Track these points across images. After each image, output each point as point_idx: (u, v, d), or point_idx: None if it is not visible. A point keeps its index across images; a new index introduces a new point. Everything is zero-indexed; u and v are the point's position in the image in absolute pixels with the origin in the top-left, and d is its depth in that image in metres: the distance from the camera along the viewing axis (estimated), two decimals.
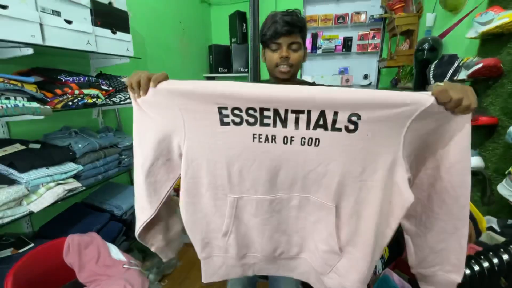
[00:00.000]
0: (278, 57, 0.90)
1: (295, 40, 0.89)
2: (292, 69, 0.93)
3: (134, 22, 1.60)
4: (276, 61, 0.91)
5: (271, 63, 0.93)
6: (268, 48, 0.93)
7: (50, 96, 1.15)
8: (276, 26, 0.87)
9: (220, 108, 0.58)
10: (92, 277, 1.08)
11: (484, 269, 0.69)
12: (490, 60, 1.00)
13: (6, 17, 0.93)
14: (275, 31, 0.87)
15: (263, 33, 0.92)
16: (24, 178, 1.02)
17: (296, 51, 0.91)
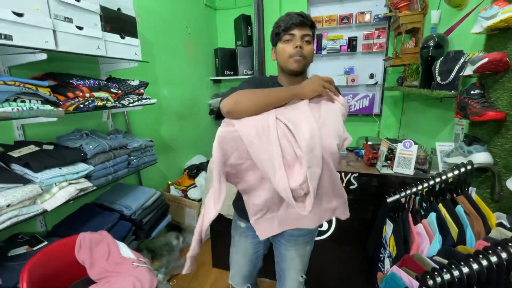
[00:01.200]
0: (293, 47, 0.91)
1: (308, 32, 0.92)
2: (305, 61, 0.93)
3: (142, 27, 1.65)
4: (289, 51, 0.92)
5: (284, 54, 0.93)
6: (281, 41, 0.94)
7: (63, 99, 1.19)
8: (290, 18, 0.90)
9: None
10: (102, 274, 1.11)
11: (493, 264, 0.67)
12: (495, 54, 0.99)
13: (22, 25, 0.98)
14: (289, 22, 0.90)
15: (277, 25, 0.94)
16: (39, 178, 1.07)
17: (309, 43, 0.93)
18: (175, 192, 2.30)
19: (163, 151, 2.33)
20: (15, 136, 1.25)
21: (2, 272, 1.02)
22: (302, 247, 1.09)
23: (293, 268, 1.12)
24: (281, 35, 0.93)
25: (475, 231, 0.92)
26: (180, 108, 2.56)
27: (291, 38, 0.91)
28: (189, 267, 0.96)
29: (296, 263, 1.11)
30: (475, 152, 1.10)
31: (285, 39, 0.92)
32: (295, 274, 1.12)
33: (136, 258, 1.18)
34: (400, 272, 0.92)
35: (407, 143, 1.45)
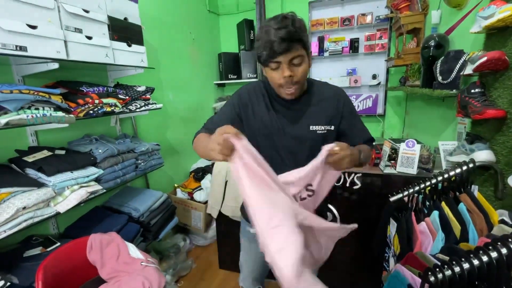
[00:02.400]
0: (281, 77, 0.81)
1: (296, 54, 0.79)
2: (299, 86, 0.85)
3: (147, 34, 1.70)
4: (279, 81, 0.82)
5: (274, 83, 0.85)
6: (267, 67, 0.82)
7: (73, 106, 1.25)
8: (272, 45, 0.76)
9: None
10: (112, 274, 1.15)
11: (493, 259, 0.68)
12: (494, 53, 1.00)
13: (36, 36, 1.04)
14: (272, 51, 0.77)
15: (259, 53, 0.81)
16: (52, 181, 1.12)
17: (300, 65, 0.81)
18: (181, 195, 2.34)
19: (169, 154, 2.38)
20: (29, 142, 1.31)
21: (18, 272, 1.06)
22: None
23: None
24: (266, 63, 0.81)
25: (478, 229, 0.93)
26: (185, 112, 2.61)
27: (278, 66, 0.80)
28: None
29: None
30: (477, 150, 1.11)
31: (272, 67, 0.81)
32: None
33: (145, 258, 1.22)
34: (403, 270, 0.93)
35: (410, 143, 1.46)
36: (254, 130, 0.94)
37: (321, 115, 0.93)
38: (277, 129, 0.92)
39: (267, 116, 0.92)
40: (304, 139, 0.92)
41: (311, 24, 2.80)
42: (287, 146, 0.93)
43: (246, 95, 0.95)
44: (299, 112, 0.93)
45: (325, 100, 0.94)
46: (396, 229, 1.20)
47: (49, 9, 1.08)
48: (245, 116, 0.94)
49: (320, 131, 0.92)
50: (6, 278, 0.97)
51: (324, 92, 0.96)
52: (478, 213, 0.96)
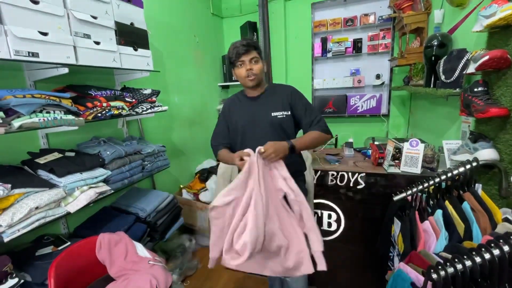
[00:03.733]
0: (245, 70, 1.20)
1: (253, 55, 1.19)
2: (256, 77, 1.22)
3: (152, 38, 1.74)
4: (243, 74, 1.20)
5: (241, 76, 1.22)
6: (236, 66, 1.22)
7: (83, 109, 1.29)
8: (237, 49, 1.18)
9: None
10: (121, 272, 1.18)
11: (495, 256, 0.69)
12: (496, 52, 1.00)
13: (47, 43, 1.08)
14: (237, 52, 1.18)
15: (230, 56, 1.22)
16: (62, 182, 1.15)
17: (257, 63, 1.21)
18: (187, 196, 2.37)
19: (175, 156, 2.42)
20: (40, 144, 1.36)
21: (31, 270, 1.10)
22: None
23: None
24: (235, 63, 1.21)
25: (482, 227, 0.93)
26: (190, 114, 2.65)
27: (242, 63, 1.20)
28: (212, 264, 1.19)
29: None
30: (480, 149, 1.11)
31: (238, 65, 1.21)
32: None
33: (152, 257, 1.24)
34: (407, 268, 0.94)
35: (413, 142, 1.46)
36: (237, 128, 1.28)
37: (277, 104, 1.26)
38: (250, 119, 1.26)
39: (241, 111, 1.29)
40: (269, 123, 1.24)
41: (314, 25, 2.81)
42: (259, 133, 1.23)
43: (227, 107, 1.36)
44: (262, 104, 1.27)
45: (279, 93, 1.28)
46: (400, 228, 1.20)
47: (60, 16, 1.12)
48: (229, 122, 1.32)
49: (280, 116, 1.24)
50: (20, 276, 1.01)
51: (278, 88, 1.32)
52: (482, 212, 0.96)
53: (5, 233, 0.96)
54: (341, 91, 2.85)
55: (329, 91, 2.91)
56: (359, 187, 1.57)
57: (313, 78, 2.91)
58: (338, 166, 1.64)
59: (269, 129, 1.24)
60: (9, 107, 0.98)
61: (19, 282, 0.98)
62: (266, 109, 1.25)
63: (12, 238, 0.97)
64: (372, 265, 1.63)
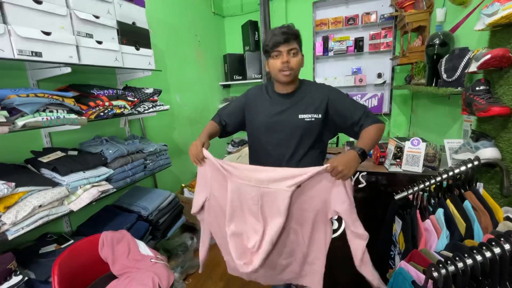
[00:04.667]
0: (280, 63, 1.04)
1: (293, 46, 1.04)
2: (293, 72, 1.06)
3: (154, 38, 1.75)
4: (278, 66, 1.05)
5: (275, 69, 1.07)
6: (271, 57, 1.07)
7: (85, 108, 1.29)
8: (275, 37, 1.03)
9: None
10: (123, 270, 1.19)
11: (496, 255, 0.69)
12: (498, 51, 1.00)
13: (50, 42, 1.09)
14: (274, 40, 1.03)
15: (265, 44, 1.07)
16: (65, 181, 1.16)
17: (295, 55, 1.06)
18: (188, 195, 2.38)
19: (176, 155, 2.43)
20: (43, 143, 1.37)
21: (35, 267, 1.12)
22: None
23: None
24: (270, 52, 1.06)
25: (483, 226, 0.93)
26: (192, 113, 2.66)
27: (279, 54, 1.05)
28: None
29: None
30: (482, 148, 1.11)
31: (274, 55, 1.05)
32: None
33: (154, 255, 1.25)
34: (408, 267, 0.94)
35: (415, 141, 1.46)
36: (255, 123, 1.16)
37: (309, 106, 1.11)
38: (273, 119, 1.12)
39: (266, 107, 1.15)
40: (293, 126, 1.10)
41: (316, 24, 2.81)
42: (279, 135, 1.12)
43: (253, 96, 1.21)
44: (291, 104, 1.13)
45: (313, 94, 1.13)
46: (401, 227, 1.20)
47: (62, 16, 1.13)
48: (248, 112, 1.19)
49: (308, 119, 1.10)
50: (24, 273, 1.02)
51: (313, 87, 1.17)
52: (483, 211, 0.96)
53: (9, 231, 0.97)
54: (343, 90, 2.81)
55: None
56: (360, 186, 1.57)
57: (314, 77, 2.91)
58: None
59: (292, 132, 1.11)
60: (13, 106, 0.99)
61: (23, 279, 0.99)
62: (294, 110, 1.11)
63: (16, 236, 0.98)
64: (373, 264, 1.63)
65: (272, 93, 1.17)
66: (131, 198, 1.74)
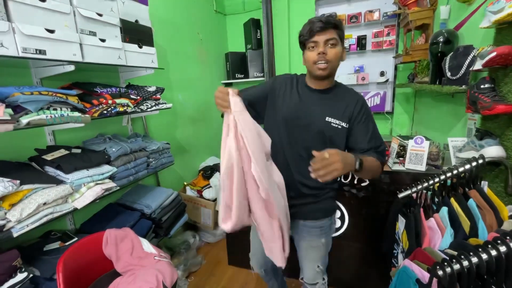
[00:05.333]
0: (316, 54, 0.94)
1: (331, 36, 0.93)
2: (329, 65, 0.95)
3: (156, 36, 1.74)
4: (313, 58, 0.95)
5: (310, 61, 0.97)
6: (306, 48, 0.98)
7: (88, 106, 1.30)
8: (311, 25, 0.93)
9: None
10: (127, 267, 1.20)
11: (501, 253, 0.69)
12: (504, 48, 0.99)
13: (54, 40, 1.09)
14: (310, 30, 0.93)
15: (301, 35, 0.98)
16: (69, 179, 1.17)
17: (334, 46, 0.94)
18: (190, 193, 2.38)
19: (178, 153, 2.43)
20: (47, 141, 1.37)
21: (39, 265, 1.12)
22: (316, 238, 1.15)
23: (308, 258, 1.19)
24: (306, 43, 0.97)
25: (487, 224, 0.93)
26: (194, 111, 2.65)
27: (315, 45, 0.94)
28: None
29: (310, 253, 1.18)
30: (487, 146, 1.10)
31: (310, 46, 0.96)
32: (310, 263, 1.19)
33: (158, 253, 1.26)
34: (412, 265, 0.94)
35: (418, 139, 1.46)
36: (277, 116, 1.05)
37: (339, 110, 1.01)
38: (298, 115, 1.02)
39: (293, 99, 1.04)
40: (318, 128, 1.01)
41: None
42: (301, 135, 1.03)
43: (283, 83, 1.08)
44: (322, 102, 1.03)
45: (346, 99, 1.03)
46: (404, 225, 1.20)
47: (66, 13, 1.13)
48: (273, 100, 1.07)
49: (334, 124, 1.00)
50: (28, 270, 1.03)
51: (347, 93, 1.07)
52: (488, 209, 0.96)
53: (14, 228, 0.97)
54: None
55: None
56: (363, 184, 1.57)
57: None
58: None
59: (315, 135, 1.01)
60: (17, 104, 0.99)
61: (28, 276, 0.99)
62: (323, 110, 1.01)
63: (21, 233, 0.98)
64: (375, 262, 1.64)
65: (302, 87, 1.06)
66: (134, 196, 1.74)
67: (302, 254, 1.21)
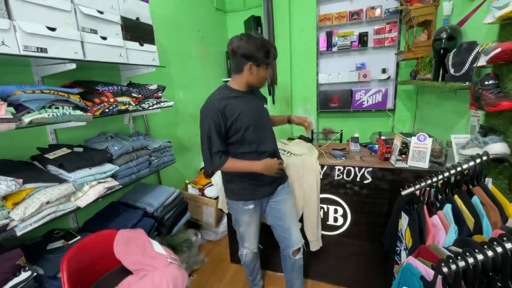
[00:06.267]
0: (268, 75, 1.28)
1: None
2: None
3: (157, 34, 1.73)
4: (266, 76, 1.28)
5: (262, 77, 1.26)
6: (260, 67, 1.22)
7: (90, 104, 1.29)
8: (274, 54, 1.25)
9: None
10: (138, 266, 1.18)
11: (507, 250, 0.69)
12: (509, 44, 0.98)
13: (55, 38, 1.08)
14: (274, 56, 1.26)
15: (271, 54, 1.22)
16: (72, 177, 1.17)
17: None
18: (192, 191, 2.38)
19: (180, 151, 2.43)
20: (49, 140, 1.37)
21: (43, 263, 1.12)
22: (291, 196, 1.49)
23: (292, 219, 1.46)
24: (267, 63, 1.23)
25: (492, 221, 0.93)
26: (195, 109, 2.65)
27: (268, 67, 1.26)
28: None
29: (293, 213, 1.47)
30: (490, 143, 1.10)
31: (266, 67, 1.24)
32: (294, 223, 1.47)
33: (169, 255, 1.24)
34: (416, 262, 0.94)
35: (421, 136, 1.45)
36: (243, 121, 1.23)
37: (261, 99, 1.41)
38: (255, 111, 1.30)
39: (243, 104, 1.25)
40: (267, 113, 1.40)
41: (319, 19, 2.78)
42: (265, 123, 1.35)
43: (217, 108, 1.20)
44: (254, 98, 1.35)
45: (255, 92, 1.38)
46: (407, 222, 1.20)
47: (67, 11, 1.12)
48: (226, 120, 1.22)
49: (266, 107, 1.41)
50: (32, 269, 1.03)
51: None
52: (492, 206, 0.96)
53: (17, 227, 0.97)
54: (346, 85, 2.83)
55: (334, 86, 2.89)
56: (365, 181, 1.56)
57: (318, 73, 2.89)
58: (345, 161, 1.64)
59: (268, 119, 1.40)
60: (19, 103, 0.98)
61: (32, 275, 0.99)
62: (260, 102, 1.37)
63: (24, 232, 0.98)
64: (378, 260, 1.64)
65: (236, 92, 1.27)
66: (136, 194, 1.74)
67: (288, 219, 1.44)
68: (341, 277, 1.77)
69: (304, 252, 1.51)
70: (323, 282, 1.83)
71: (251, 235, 1.47)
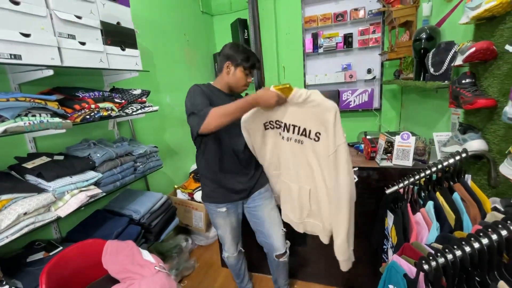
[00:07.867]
0: (246, 81, 1.30)
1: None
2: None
3: (141, 38, 1.72)
4: (244, 82, 1.30)
5: (240, 82, 1.29)
6: (243, 70, 1.27)
7: (70, 111, 1.26)
8: (255, 62, 1.28)
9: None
10: (126, 274, 1.15)
11: (484, 245, 0.70)
12: (482, 43, 1.01)
13: (30, 44, 1.05)
14: (253, 64, 1.28)
15: (249, 59, 1.26)
16: (51, 187, 1.13)
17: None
18: (181, 196, 2.36)
19: (168, 156, 2.40)
20: (28, 149, 1.33)
21: (22, 276, 1.08)
22: (272, 200, 1.45)
23: (274, 222, 1.43)
24: (247, 69, 1.27)
25: (471, 217, 0.95)
26: (183, 113, 2.60)
27: (249, 74, 1.29)
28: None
29: (274, 216, 1.44)
30: (469, 140, 1.12)
31: (245, 73, 1.28)
32: (277, 227, 1.44)
33: (157, 263, 1.22)
34: (400, 260, 0.95)
35: (404, 135, 1.48)
36: None
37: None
38: None
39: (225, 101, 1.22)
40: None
41: (305, 21, 2.81)
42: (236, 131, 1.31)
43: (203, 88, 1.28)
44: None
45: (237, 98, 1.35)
46: (393, 220, 1.21)
47: (42, 17, 1.09)
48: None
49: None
50: (10, 283, 0.99)
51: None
52: (471, 202, 0.98)
53: None
54: (333, 86, 2.86)
55: (321, 87, 2.91)
56: None
57: (305, 74, 2.91)
58: None
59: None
60: None
61: None
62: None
63: (0, 245, 0.95)
64: (366, 258, 1.65)
65: (218, 92, 1.31)
66: (122, 201, 1.71)
67: (266, 224, 1.42)
68: (331, 277, 1.78)
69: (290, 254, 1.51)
70: (314, 283, 1.83)
71: (228, 238, 1.48)
